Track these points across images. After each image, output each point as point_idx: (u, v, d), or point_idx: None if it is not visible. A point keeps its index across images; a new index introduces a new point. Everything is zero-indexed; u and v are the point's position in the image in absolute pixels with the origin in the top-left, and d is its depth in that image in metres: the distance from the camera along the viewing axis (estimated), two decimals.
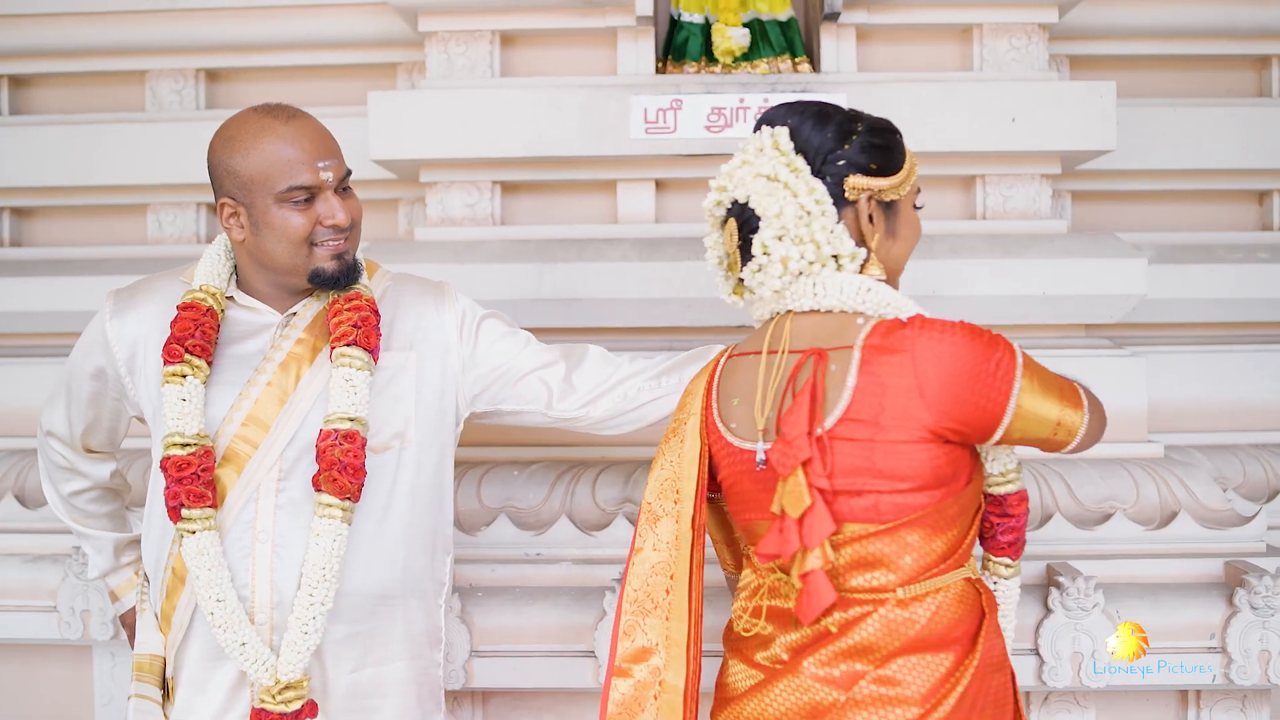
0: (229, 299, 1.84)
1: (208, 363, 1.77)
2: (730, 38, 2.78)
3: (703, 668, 1.72)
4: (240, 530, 1.73)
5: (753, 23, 2.84)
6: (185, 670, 1.79)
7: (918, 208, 1.68)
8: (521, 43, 2.82)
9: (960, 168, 2.73)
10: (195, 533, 1.69)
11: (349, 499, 1.72)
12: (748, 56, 2.83)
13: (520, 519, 2.43)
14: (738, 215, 1.64)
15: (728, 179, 1.65)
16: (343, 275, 1.78)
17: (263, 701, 1.69)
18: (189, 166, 2.64)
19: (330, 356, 1.78)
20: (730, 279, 1.75)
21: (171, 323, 1.76)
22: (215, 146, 1.76)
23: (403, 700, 1.86)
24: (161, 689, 1.83)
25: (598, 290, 2.58)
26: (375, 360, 1.80)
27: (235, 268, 1.87)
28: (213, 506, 1.71)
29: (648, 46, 2.77)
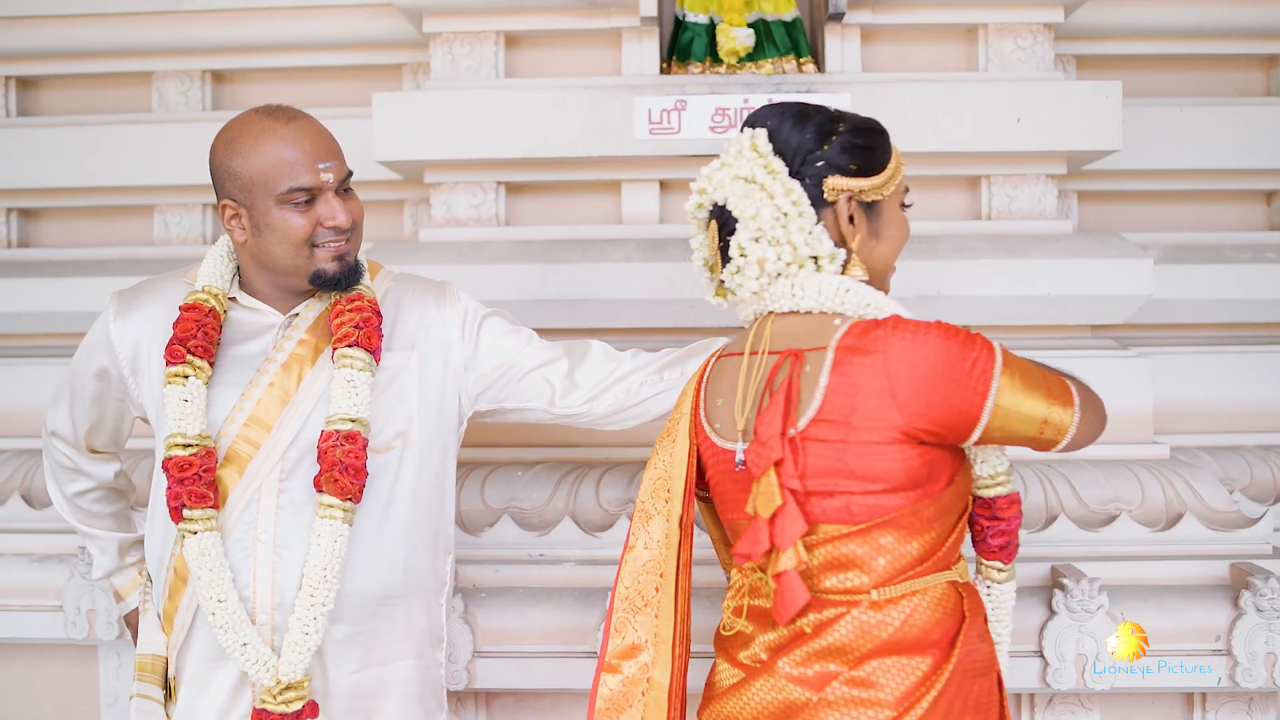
0: (231, 300, 1.84)
1: (210, 363, 1.77)
2: (735, 38, 2.77)
3: (694, 666, 1.73)
4: (242, 531, 1.74)
5: (757, 23, 2.83)
6: (187, 670, 1.80)
7: (906, 206, 1.67)
8: (526, 43, 2.82)
9: (965, 168, 2.72)
10: (197, 533, 1.69)
11: (350, 500, 1.72)
12: (752, 57, 2.83)
13: (524, 520, 2.43)
14: (718, 217, 1.64)
15: (707, 181, 1.65)
16: (344, 276, 1.78)
17: (263, 702, 1.70)
18: (195, 167, 2.63)
19: (332, 357, 1.78)
20: (714, 280, 1.74)
21: (174, 323, 1.77)
22: (216, 148, 1.76)
23: (404, 700, 1.87)
24: (164, 689, 1.84)
25: (602, 291, 2.58)
26: (377, 361, 1.80)
27: (238, 269, 1.87)
28: (214, 507, 1.72)
29: (652, 47, 2.77)
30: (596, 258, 2.60)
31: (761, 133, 1.61)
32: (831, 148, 1.58)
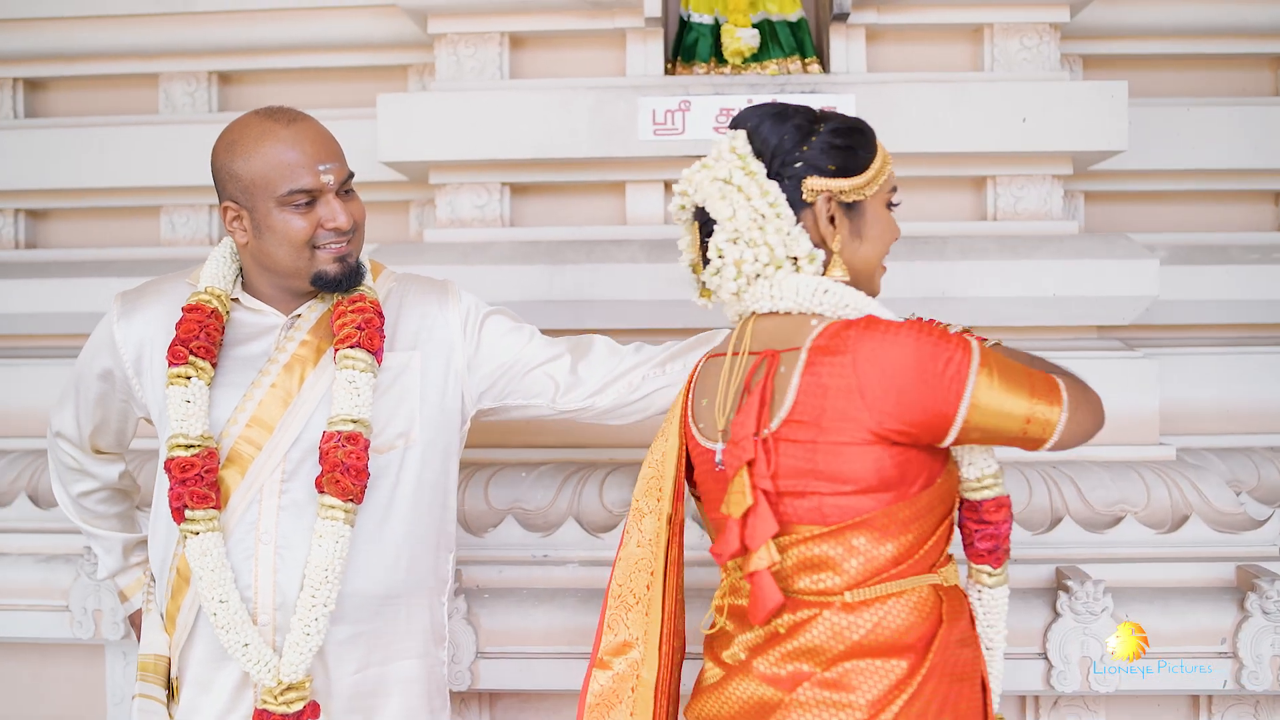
0: (234, 301, 1.85)
1: (212, 364, 1.77)
2: (739, 39, 2.77)
3: (692, 665, 1.73)
4: (243, 531, 1.74)
5: (762, 23, 2.83)
6: (190, 670, 1.80)
7: (893, 206, 1.66)
8: (531, 44, 2.83)
9: (971, 168, 2.72)
10: (199, 534, 1.70)
11: (351, 501, 1.72)
12: (757, 57, 2.82)
13: (527, 520, 2.43)
14: (699, 219, 1.64)
15: (688, 183, 1.64)
16: (345, 278, 1.78)
17: (265, 702, 1.70)
18: (201, 168, 2.62)
19: (334, 358, 1.78)
20: (698, 282, 1.74)
21: (176, 324, 1.77)
22: (218, 150, 1.76)
23: (406, 699, 1.87)
24: (166, 689, 1.84)
25: (607, 291, 2.58)
26: (379, 362, 1.80)
27: (241, 270, 1.87)
28: (216, 508, 1.72)
29: (656, 48, 2.77)
30: (601, 258, 2.60)
31: (741, 134, 1.61)
32: (811, 148, 1.57)
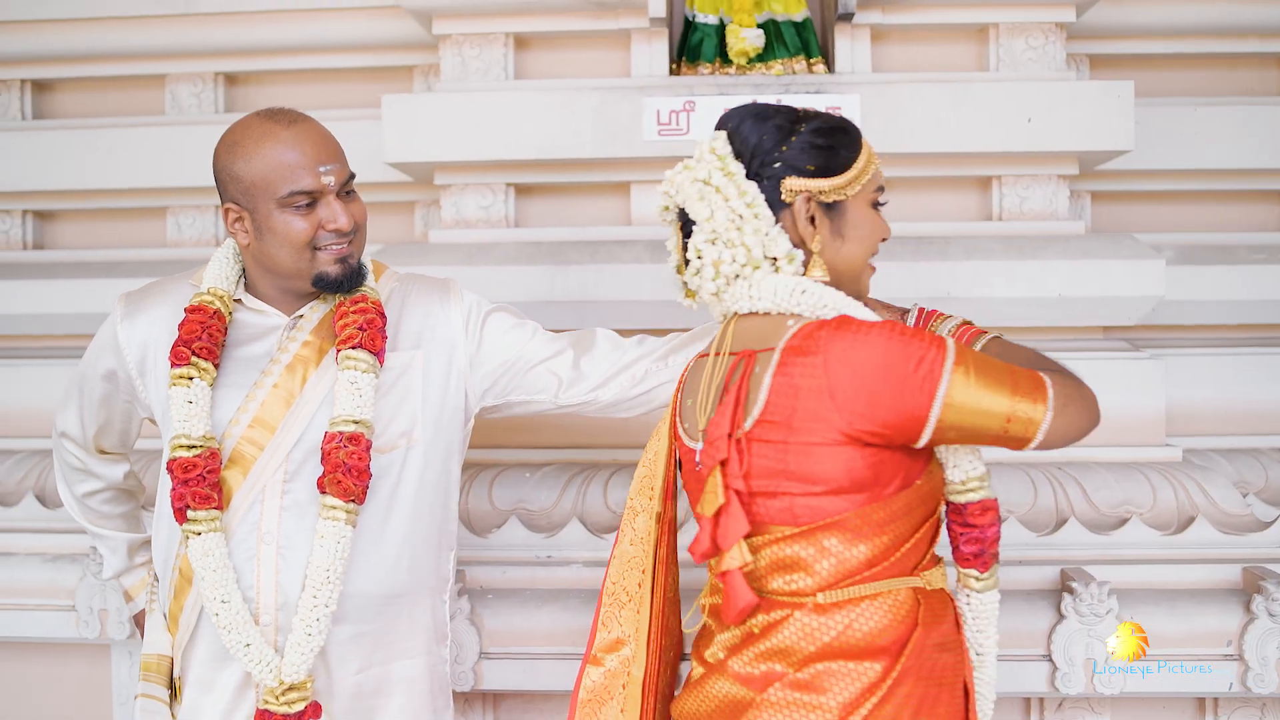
0: (237, 302, 1.85)
1: (215, 365, 1.78)
2: (744, 39, 2.77)
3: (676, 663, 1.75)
4: (246, 532, 1.74)
5: (767, 23, 2.83)
6: (192, 670, 1.81)
7: (880, 205, 1.64)
8: (535, 45, 2.83)
9: (976, 168, 2.71)
10: (201, 534, 1.70)
11: (353, 501, 1.72)
12: (762, 58, 2.82)
13: (531, 521, 2.43)
14: (681, 220, 1.64)
15: (670, 185, 1.64)
16: (347, 279, 1.78)
17: (266, 702, 1.70)
18: (207, 169, 2.63)
19: (336, 359, 1.78)
20: (681, 282, 1.73)
21: (179, 325, 1.78)
22: (219, 152, 1.77)
23: (408, 698, 1.87)
24: (169, 689, 1.85)
25: (611, 292, 2.58)
26: (381, 363, 1.80)
27: (244, 270, 1.88)
28: (218, 508, 1.72)
29: (661, 48, 2.76)
30: (606, 259, 2.60)
31: (721, 135, 1.61)
32: (790, 148, 1.56)
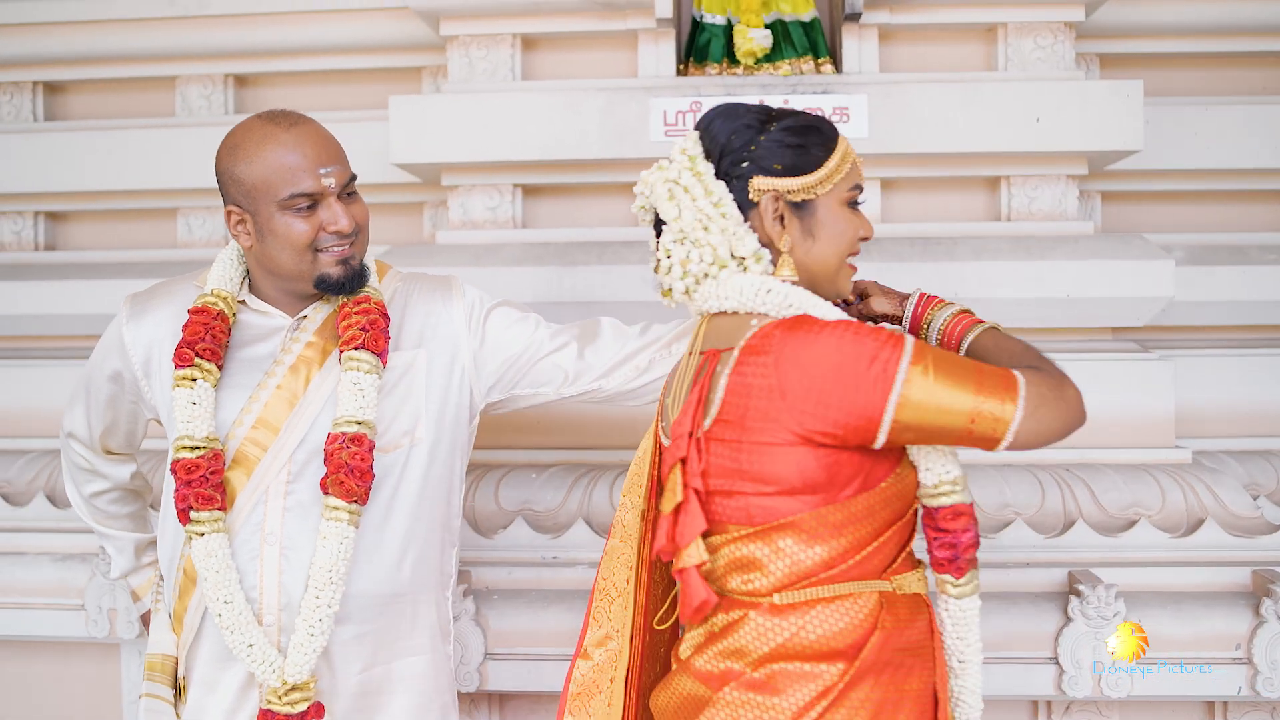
0: (241, 303, 1.86)
1: (218, 366, 1.78)
2: (752, 39, 2.76)
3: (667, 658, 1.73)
4: (249, 532, 1.75)
5: (775, 24, 2.82)
6: (196, 670, 1.81)
7: (857, 203, 1.62)
8: (543, 46, 2.83)
9: (984, 168, 2.70)
10: (204, 535, 1.71)
11: (356, 502, 1.73)
12: (770, 58, 2.81)
13: (537, 522, 2.43)
14: (654, 220, 1.64)
15: (643, 185, 1.64)
16: (348, 281, 1.78)
17: (269, 703, 1.71)
18: None
19: (339, 360, 1.79)
20: (658, 282, 1.73)
21: (182, 327, 1.78)
22: (221, 154, 1.77)
23: (412, 696, 1.87)
24: (174, 689, 1.86)
25: (618, 293, 2.58)
26: (384, 363, 1.80)
27: (248, 271, 1.88)
28: (221, 509, 1.73)
29: (668, 49, 2.76)
30: (612, 260, 2.60)
31: (693, 135, 1.61)
32: (759, 147, 1.56)
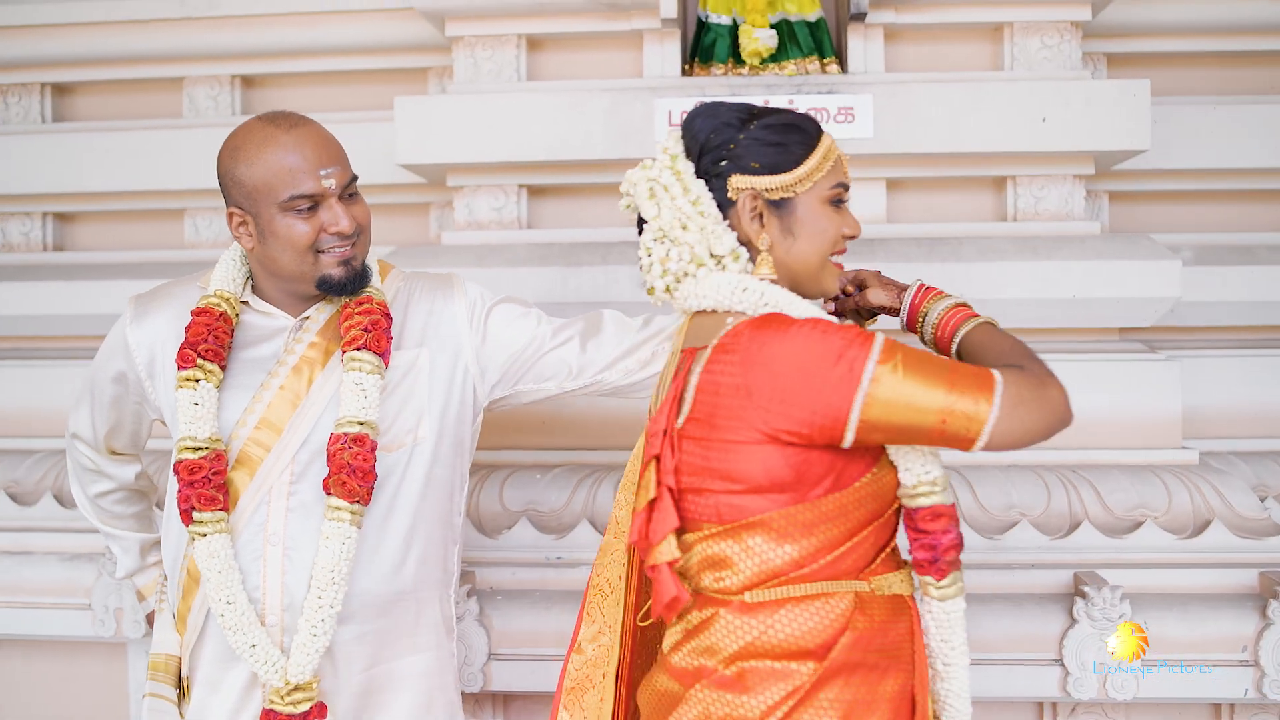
0: (244, 304, 1.86)
1: (221, 367, 1.79)
2: (757, 39, 2.76)
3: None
4: (252, 533, 1.75)
5: (780, 23, 2.81)
6: (200, 670, 1.82)
7: (842, 201, 1.61)
8: (548, 46, 2.83)
9: (990, 168, 2.69)
10: (206, 535, 1.71)
11: (358, 502, 1.73)
12: (776, 58, 2.81)
13: (541, 522, 2.44)
14: (638, 218, 1.64)
15: (627, 183, 1.64)
16: (350, 282, 1.78)
17: (272, 703, 1.71)
18: None
19: (342, 360, 1.79)
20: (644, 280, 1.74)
21: (186, 328, 1.79)
22: (222, 156, 1.77)
23: (416, 694, 1.87)
24: (177, 689, 1.86)
25: (623, 293, 2.58)
26: (386, 363, 1.80)
27: (251, 272, 1.89)
28: (224, 510, 1.73)
29: (673, 49, 2.76)
30: (618, 260, 2.60)
31: (675, 133, 1.61)
32: (738, 146, 1.55)
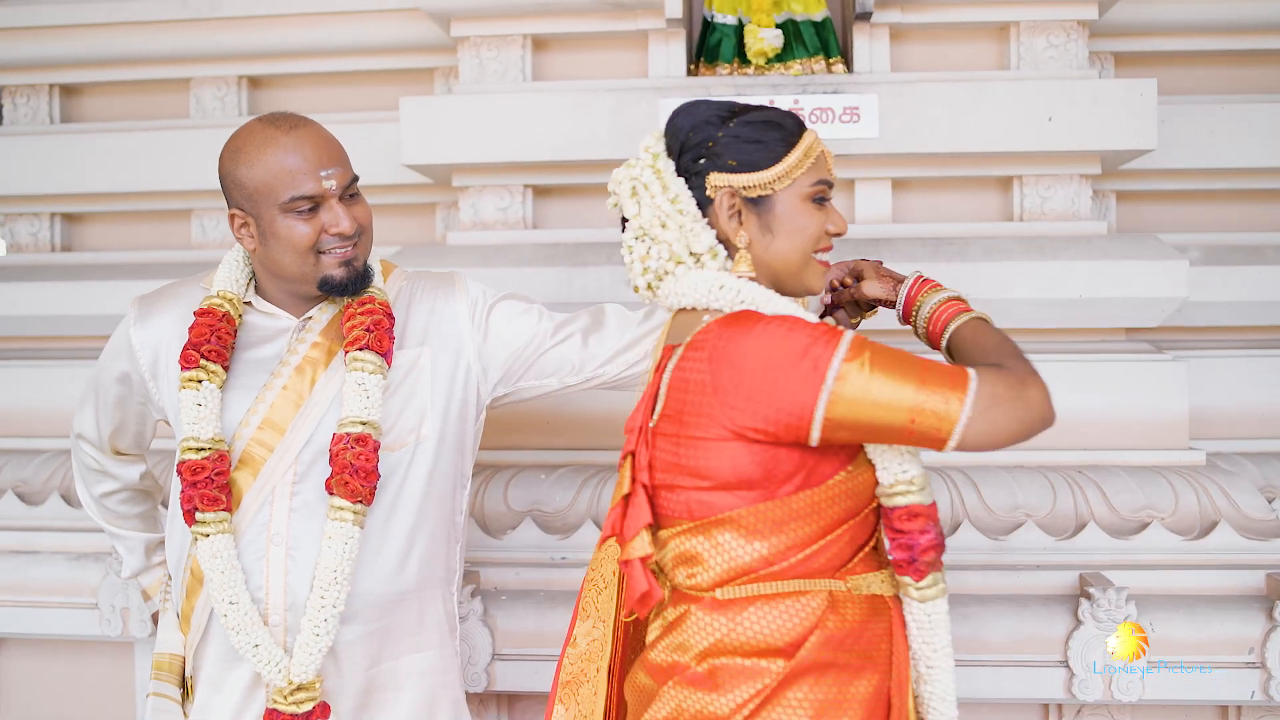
0: (247, 304, 1.86)
1: (224, 367, 1.79)
2: (763, 39, 2.75)
3: None
4: (255, 533, 1.75)
5: (786, 23, 2.81)
6: (204, 670, 1.82)
7: (825, 199, 1.60)
8: (553, 46, 2.83)
9: (996, 168, 2.68)
10: (209, 536, 1.71)
11: (361, 502, 1.73)
12: (781, 58, 2.81)
13: (546, 522, 2.44)
14: (621, 216, 1.65)
15: (613, 182, 1.64)
16: (351, 282, 1.78)
17: (275, 702, 1.71)
18: None
19: (344, 360, 1.79)
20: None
21: (189, 329, 1.79)
22: (223, 158, 1.77)
23: (419, 691, 1.88)
24: (181, 688, 1.86)
25: (628, 293, 2.55)
26: (389, 363, 1.80)
27: (254, 273, 1.89)
28: (227, 510, 1.74)
29: (678, 49, 2.76)
30: (621, 260, 2.59)
31: (657, 133, 1.62)
32: (716, 144, 1.55)
